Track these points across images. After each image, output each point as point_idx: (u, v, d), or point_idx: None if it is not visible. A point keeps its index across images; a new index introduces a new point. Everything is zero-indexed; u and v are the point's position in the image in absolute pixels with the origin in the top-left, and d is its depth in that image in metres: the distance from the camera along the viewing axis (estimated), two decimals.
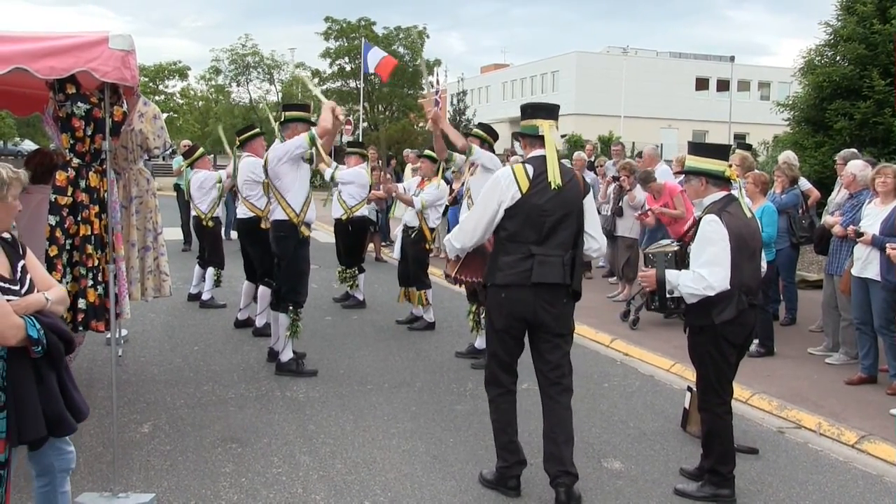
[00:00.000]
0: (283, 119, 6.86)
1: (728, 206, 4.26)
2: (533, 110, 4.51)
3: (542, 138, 4.38)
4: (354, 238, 9.80)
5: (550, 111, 4.51)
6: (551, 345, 4.39)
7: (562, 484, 4.23)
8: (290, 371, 6.64)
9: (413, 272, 8.50)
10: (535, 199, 4.25)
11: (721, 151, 4.45)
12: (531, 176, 4.27)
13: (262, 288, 7.79)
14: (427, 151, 9.08)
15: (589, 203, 4.46)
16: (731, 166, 4.39)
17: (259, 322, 7.99)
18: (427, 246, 8.45)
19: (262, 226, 7.21)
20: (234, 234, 15.64)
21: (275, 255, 6.81)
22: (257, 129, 8.79)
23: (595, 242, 4.48)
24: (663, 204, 9.12)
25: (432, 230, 8.50)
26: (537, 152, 4.40)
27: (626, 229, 9.92)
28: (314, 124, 6.72)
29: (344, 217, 9.51)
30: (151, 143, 5.23)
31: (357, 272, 9.79)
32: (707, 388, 4.42)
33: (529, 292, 4.25)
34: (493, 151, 7.27)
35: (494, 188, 4.34)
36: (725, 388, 4.42)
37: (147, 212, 5.53)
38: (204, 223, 9.77)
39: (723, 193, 4.34)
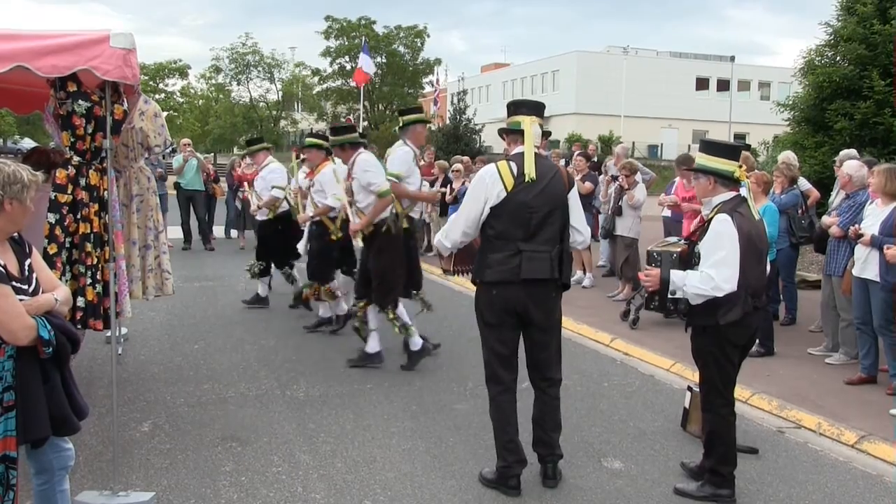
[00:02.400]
0: (401, 124, 7.09)
1: (739, 207, 4.24)
2: (516, 107, 4.61)
3: (523, 133, 4.44)
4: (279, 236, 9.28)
5: (532, 107, 4.59)
6: (541, 342, 4.51)
7: (549, 461, 4.56)
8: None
9: (314, 266, 8.20)
10: (520, 196, 4.31)
11: (732, 151, 4.42)
12: (515, 173, 4.33)
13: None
14: (310, 139, 8.35)
15: (573, 197, 4.56)
16: (741, 167, 4.37)
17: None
18: (332, 238, 7.91)
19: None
20: (234, 233, 15.74)
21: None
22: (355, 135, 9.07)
23: (580, 235, 4.61)
24: (692, 197, 9.07)
25: (334, 219, 7.95)
26: (519, 148, 4.46)
27: (626, 229, 9.91)
28: (429, 122, 7.17)
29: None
30: (152, 141, 5.23)
31: (262, 267, 9.37)
32: (711, 389, 4.42)
33: (519, 288, 4.32)
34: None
35: (480, 186, 4.40)
36: (729, 388, 4.42)
37: (148, 210, 5.53)
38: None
39: (732, 194, 4.31)
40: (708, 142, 4.55)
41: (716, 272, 4.10)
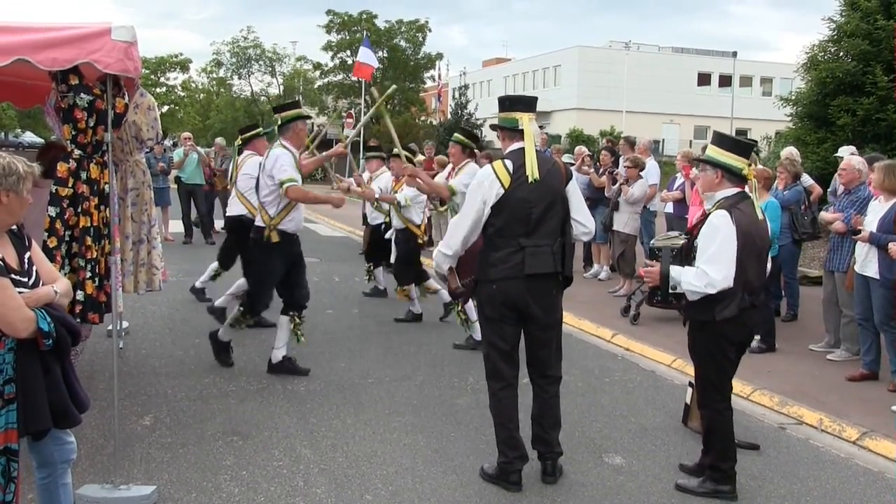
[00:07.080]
0: (279, 122, 6.49)
1: (740, 204, 4.21)
2: (511, 103, 4.60)
3: (521, 132, 4.45)
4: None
5: (528, 104, 4.60)
6: (541, 340, 4.51)
7: (549, 459, 4.57)
8: (285, 370, 6.49)
9: (396, 269, 8.53)
10: (518, 192, 4.33)
11: (744, 148, 4.39)
12: (511, 171, 4.36)
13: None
14: (396, 150, 8.10)
15: (573, 189, 4.55)
16: (750, 165, 4.34)
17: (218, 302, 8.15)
18: (420, 241, 8.35)
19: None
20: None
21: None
22: (259, 130, 8.65)
23: (583, 227, 4.56)
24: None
25: (419, 225, 8.33)
26: (516, 145, 4.47)
27: (622, 224, 9.91)
28: (309, 117, 6.79)
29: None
30: (144, 134, 5.19)
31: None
32: (707, 384, 4.41)
33: (522, 284, 4.33)
34: (475, 155, 7.59)
35: (478, 188, 4.43)
36: (725, 384, 4.41)
37: (143, 204, 5.50)
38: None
39: (736, 190, 4.29)
40: (721, 135, 4.51)
41: (709, 268, 4.09)
